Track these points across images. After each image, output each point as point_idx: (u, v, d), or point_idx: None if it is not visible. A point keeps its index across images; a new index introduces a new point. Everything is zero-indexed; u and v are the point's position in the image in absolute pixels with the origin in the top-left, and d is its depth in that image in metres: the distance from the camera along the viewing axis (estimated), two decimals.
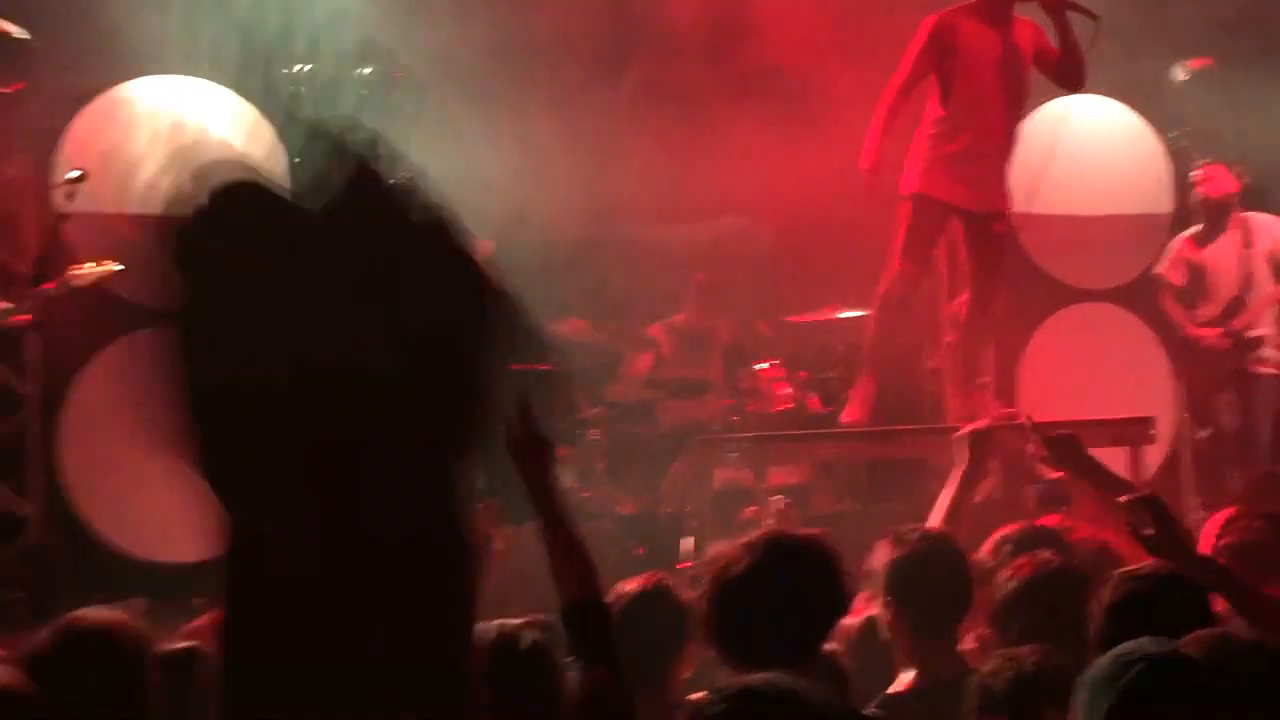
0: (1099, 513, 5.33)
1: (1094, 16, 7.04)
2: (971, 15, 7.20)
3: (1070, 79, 7.32)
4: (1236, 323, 9.02)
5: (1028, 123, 9.63)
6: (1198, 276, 9.16)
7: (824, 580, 3.23)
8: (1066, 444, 4.61)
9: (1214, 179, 9.12)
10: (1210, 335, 9.04)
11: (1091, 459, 4.61)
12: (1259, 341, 9.00)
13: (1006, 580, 3.78)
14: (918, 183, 7.19)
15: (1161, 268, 9.29)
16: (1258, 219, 9.16)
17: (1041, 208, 9.60)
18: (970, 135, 7.12)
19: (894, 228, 7.38)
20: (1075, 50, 7.14)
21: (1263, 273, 9.04)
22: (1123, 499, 3.99)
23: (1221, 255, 9.11)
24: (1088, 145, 9.96)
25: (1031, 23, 7.32)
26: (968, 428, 4.93)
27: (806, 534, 3.32)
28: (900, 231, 7.28)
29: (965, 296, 7.65)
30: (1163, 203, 10.09)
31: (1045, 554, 3.89)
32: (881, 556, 3.99)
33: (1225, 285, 9.08)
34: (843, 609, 3.26)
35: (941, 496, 4.85)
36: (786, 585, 3.17)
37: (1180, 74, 10.10)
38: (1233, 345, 9.01)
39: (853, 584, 3.44)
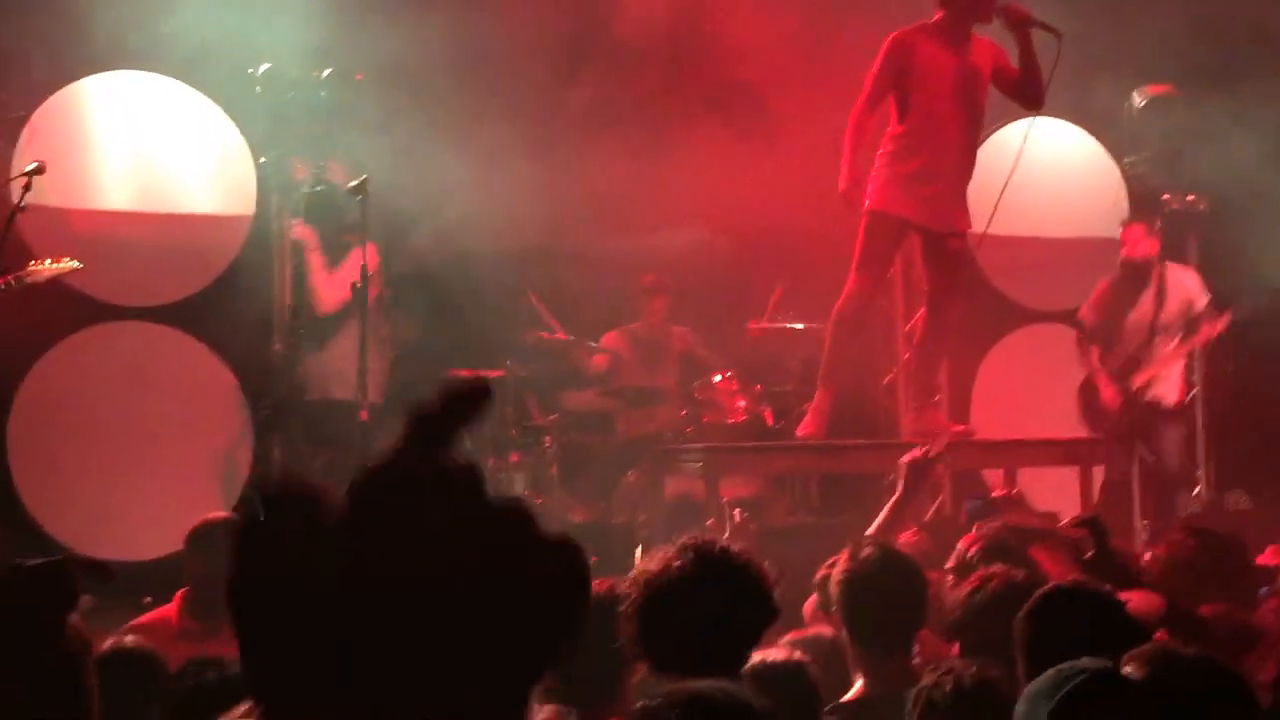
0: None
1: (1058, 34, 7.09)
2: (930, 34, 7.24)
3: (1030, 97, 7.36)
4: (1134, 381, 9.13)
5: (987, 144, 9.76)
6: (1112, 323, 9.25)
7: (749, 590, 3.24)
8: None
9: (1134, 241, 9.20)
10: (1107, 392, 9.15)
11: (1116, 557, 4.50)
12: (1154, 401, 9.12)
13: (961, 593, 3.79)
14: (875, 199, 7.23)
15: (1082, 309, 9.38)
16: (1175, 274, 9.24)
17: (999, 229, 9.64)
18: (927, 153, 7.17)
19: (852, 243, 7.42)
20: (1035, 68, 7.19)
21: (1170, 330, 9.14)
22: (1067, 520, 4.05)
23: (1136, 309, 9.22)
24: (1046, 168, 10.02)
25: (990, 42, 7.37)
26: (906, 457, 5.00)
27: (731, 545, 3.33)
28: (857, 247, 7.32)
29: (921, 314, 7.68)
30: (1118, 227, 10.15)
31: (1000, 568, 3.91)
32: (836, 568, 4.02)
33: (1133, 339, 9.19)
34: (769, 619, 3.27)
35: (878, 519, 4.92)
36: (712, 595, 3.18)
37: (1139, 100, 10.20)
38: (1125, 404, 9.10)
39: (782, 595, 3.45)
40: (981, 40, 7.32)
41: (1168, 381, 9.14)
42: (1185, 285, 9.18)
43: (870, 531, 4.72)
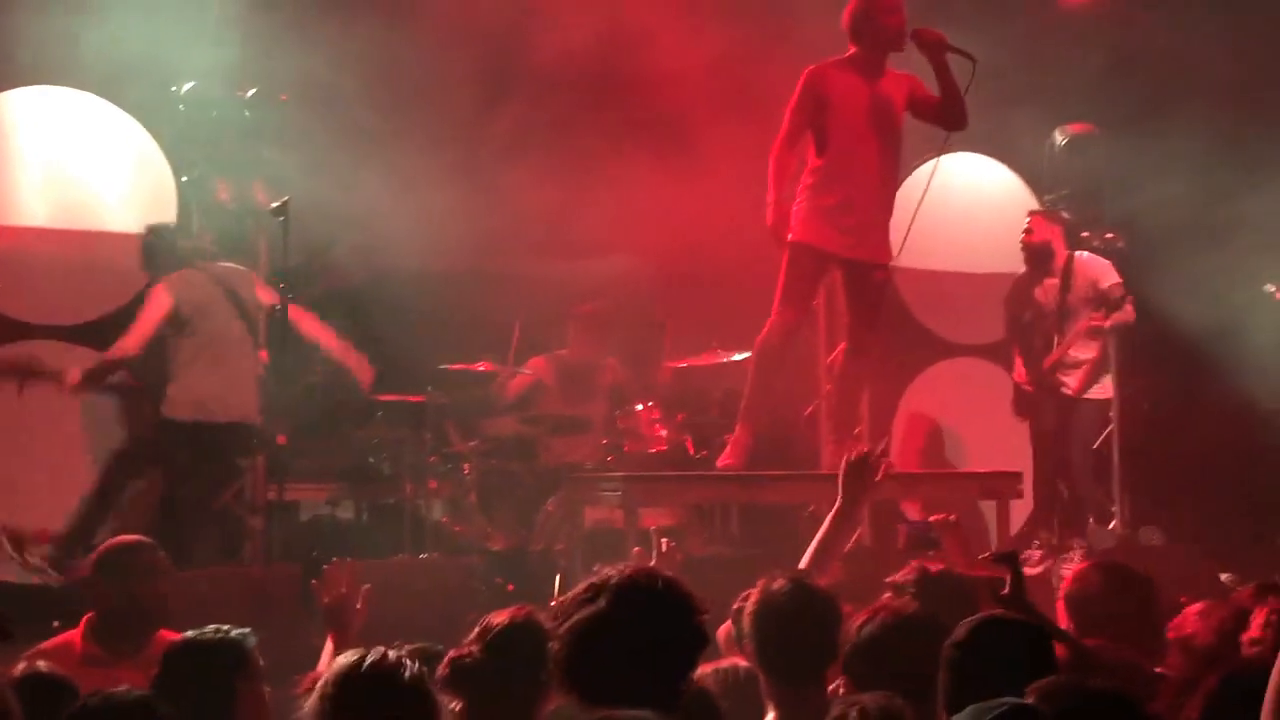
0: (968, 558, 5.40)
1: (972, 59, 7.15)
2: (844, 68, 7.30)
3: (951, 120, 7.37)
4: (1045, 363, 9.23)
5: (910, 178, 9.84)
6: (1025, 312, 9.39)
7: (678, 619, 3.20)
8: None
9: (1034, 227, 9.32)
10: (1019, 376, 9.28)
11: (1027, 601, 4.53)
12: (1060, 385, 9.20)
13: (861, 627, 3.78)
14: (796, 232, 7.25)
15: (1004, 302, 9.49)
16: (1082, 260, 9.32)
17: (921, 263, 9.74)
18: (846, 186, 7.21)
19: (777, 273, 7.43)
20: (955, 90, 7.23)
21: (1076, 312, 9.22)
22: (983, 555, 4.04)
23: (1043, 293, 9.32)
24: (968, 203, 10.13)
25: (906, 74, 7.42)
26: (844, 461, 4.87)
27: (661, 573, 3.28)
28: (780, 280, 7.33)
29: (842, 347, 7.69)
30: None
31: (900, 601, 3.91)
32: (749, 601, 3.99)
33: (1041, 323, 9.29)
34: (699, 647, 3.23)
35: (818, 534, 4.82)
36: (639, 625, 3.13)
37: (1060, 138, 10.32)
38: (1037, 388, 9.23)
39: (711, 625, 3.43)
40: (896, 73, 7.38)
41: (1076, 369, 9.21)
42: (1091, 268, 9.25)
43: (811, 548, 4.66)
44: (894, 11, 7.24)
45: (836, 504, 4.70)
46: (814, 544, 4.69)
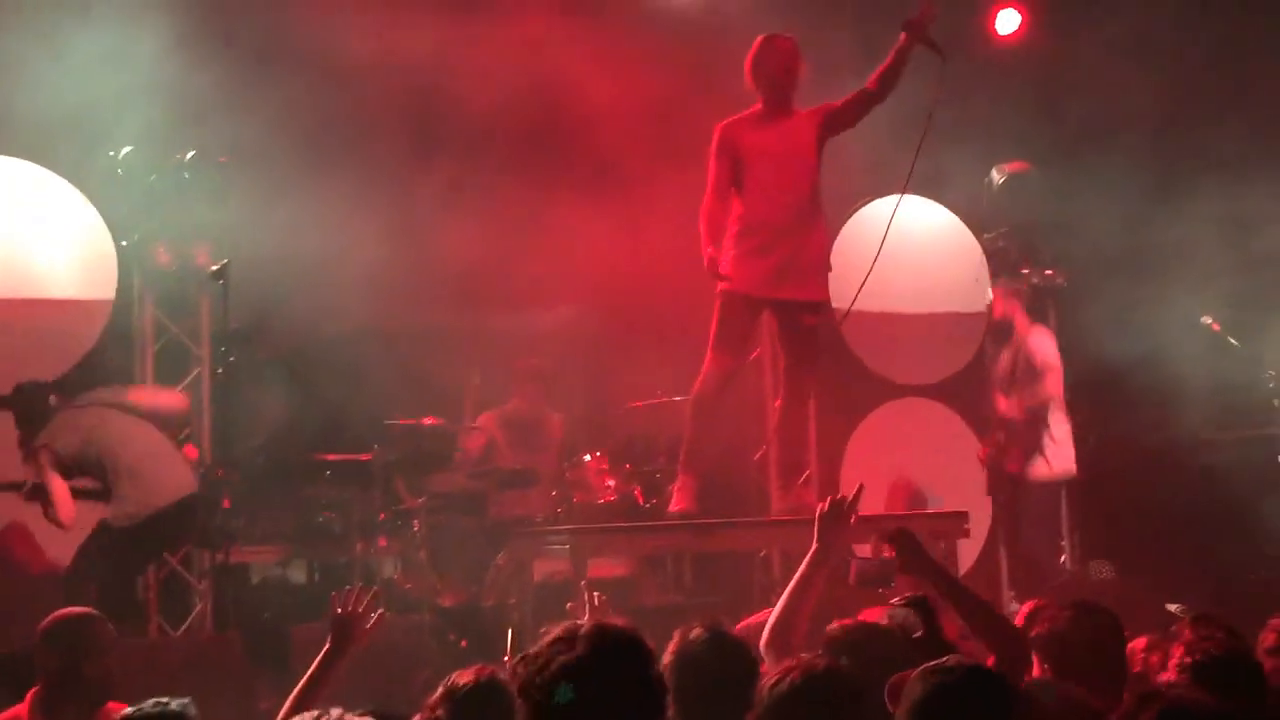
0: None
1: (943, 57, 7.20)
2: (754, 118, 7.37)
3: (880, 94, 7.37)
4: (982, 451, 9.58)
5: (854, 220, 9.92)
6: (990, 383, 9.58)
7: (640, 674, 3.18)
8: (907, 541, 4.60)
9: (995, 303, 9.49)
10: (979, 452, 9.55)
11: (930, 558, 4.63)
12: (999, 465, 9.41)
13: (773, 686, 3.73)
14: (724, 279, 7.28)
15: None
16: (1034, 335, 9.41)
17: (863, 305, 9.77)
18: (767, 229, 7.23)
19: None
20: (902, 68, 7.26)
21: (1019, 389, 9.33)
22: (893, 600, 4.08)
23: (998, 368, 9.50)
24: (909, 244, 10.17)
25: (814, 108, 7.44)
26: (820, 506, 4.87)
27: (625, 628, 3.26)
28: (712, 329, 7.34)
29: (782, 391, 7.67)
30: (979, 301, 10.36)
31: (811, 658, 3.87)
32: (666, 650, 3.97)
33: (994, 398, 9.47)
34: (662, 701, 3.21)
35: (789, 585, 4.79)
36: (603, 682, 3.11)
37: (997, 177, 10.42)
38: (989, 457, 9.46)
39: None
40: (805, 111, 7.43)
41: (1015, 447, 9.30)
42: (1037, 347, 9.35)
43: (786, 594, 4.64)
44: (781, 56, 7.33)
45: (812, 549, 4.70)
46: (789, 589, 4.69)
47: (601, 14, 9.65)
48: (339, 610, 4.49)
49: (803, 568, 4.70)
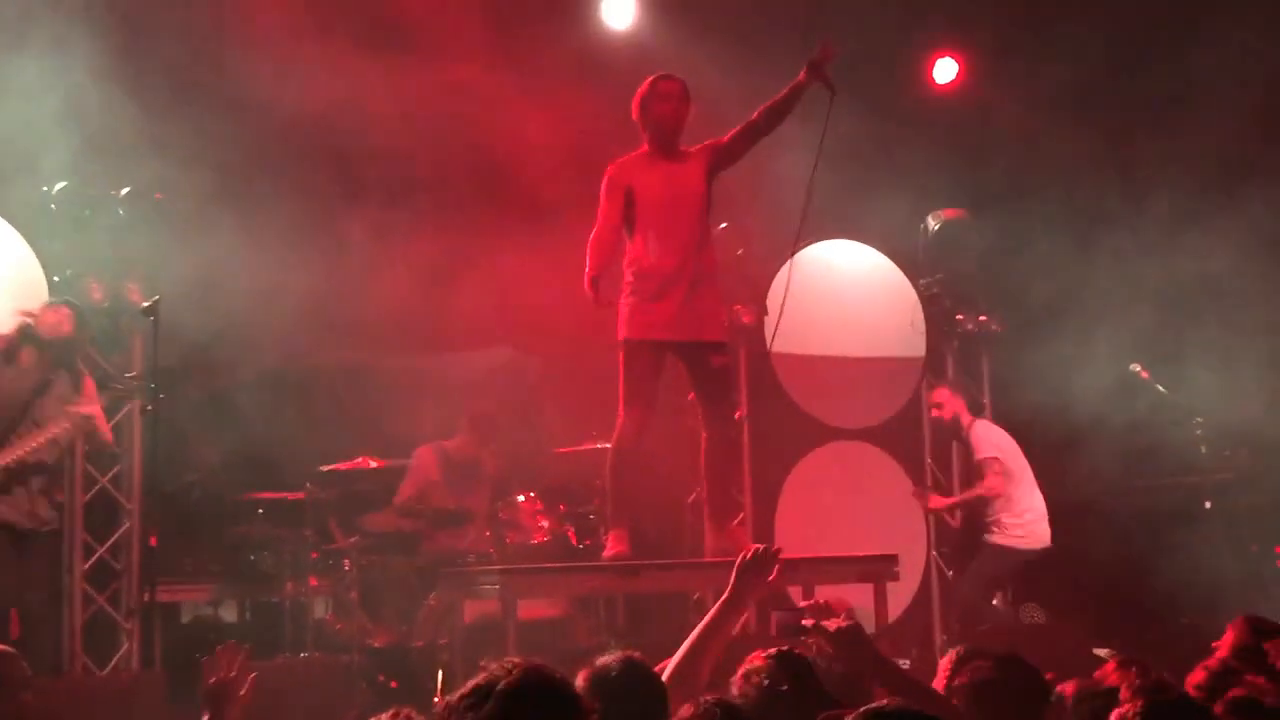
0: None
1: (833, 93, 7.20)
2: (642, 159, 7.33)
3: (769, 125, 7.35)
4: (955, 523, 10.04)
5: (791, 263, 9.98)
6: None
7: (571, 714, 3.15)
8: (850, 636, 4.58)
9: (943, 402, 9.79)
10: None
11: (875, 652, 4.60)
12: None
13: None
14: (623, 330, 7.22)
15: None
16: (973, 429, 9.67)
17: (799, 348, 9.85)
18: (660, 273, 7.18)
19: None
20: (794, 104, 7.25)
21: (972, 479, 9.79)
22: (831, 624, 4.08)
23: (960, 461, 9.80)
24: (845, 289, 10.27)
25: (698, 148, 7.45)
26: (743, 553, 4.84)
27: (547, 677, 3.22)
28: (620, 380, 7.27)
29: (704, 435, 7.61)
30: (916, 346, 10.44)
31: (714, 699, 3.85)
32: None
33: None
34: None
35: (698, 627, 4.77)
36: None
37: (933, 224, 10.52)
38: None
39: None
40: (692, 149, 7.40)
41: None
42: (976, 439, 9.58)
43: (694, 635, 4.59)
44: (667, 99, 7.29)
45: (726, 594, 4.65)
46: (697, 631, 4.65)
47: (532, 55, 9.73)
48: (209, 680, 4.22)
49: (713, 612, 4.65)
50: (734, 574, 4.68)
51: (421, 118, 9.12)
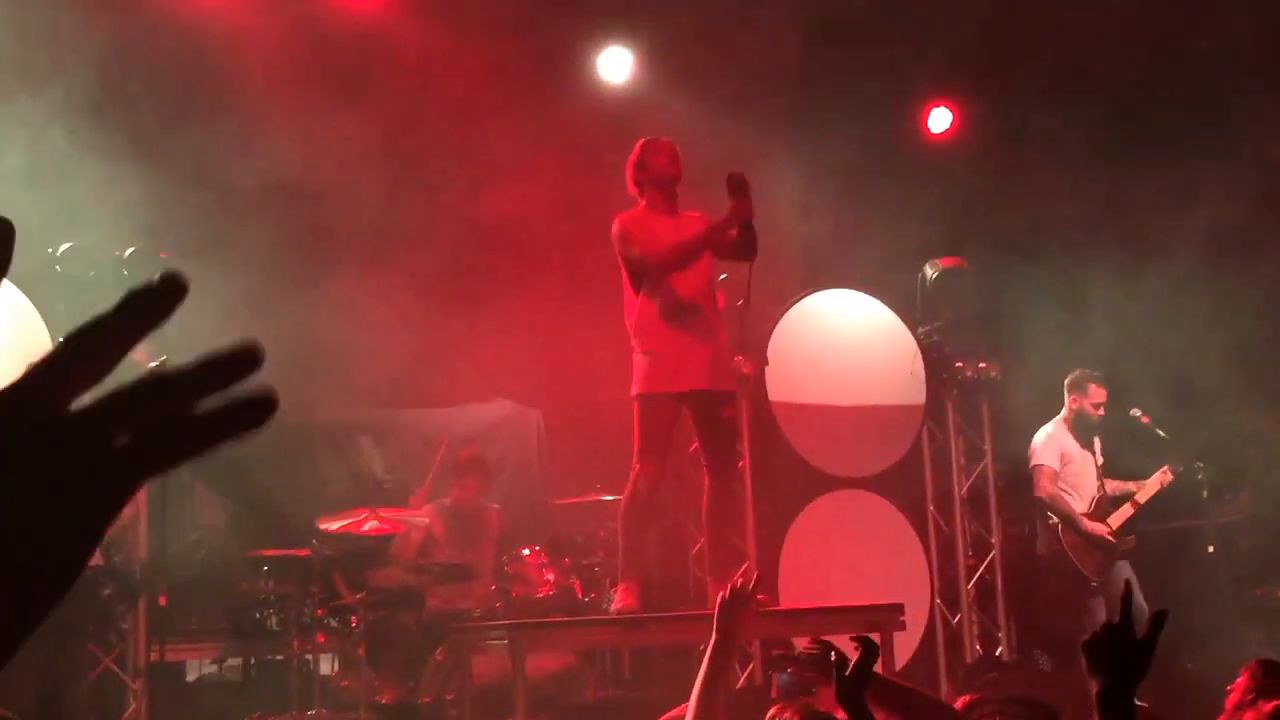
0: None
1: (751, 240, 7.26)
2: (645, 214, 7.39)
3: (746, 257, 7.43)
4: (1112, 522, 9.67)
5: (789, 314, 10.05)
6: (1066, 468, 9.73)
7: None
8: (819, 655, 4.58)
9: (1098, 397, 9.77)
10: (1101, 530, 9.59)
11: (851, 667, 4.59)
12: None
13: None
14: (637, 385, 7.27)
15: (1039, 457, 9.71)
16: None
17: (800, 398, 9.90)
18: (668, 325, 7.25)
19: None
20: (754, 235, 7.33)
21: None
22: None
23: (1083, 456, 9.71)
24: (845, 338, 10.31)
25: (698, 215, 7.53)
26: (720, 594, 4.84)
27: None
28: (635, 435, 7.31)
29: (707, 484, 7.64)
30: (916, 395, 10.48)
31: None
32: None
33: (1089, 485, 9.68)
34: None
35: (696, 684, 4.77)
36: None
37: (931, 272, 10.58)
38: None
39: None
40: (690, 213, 7.50)
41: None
42: None
43: (695, 690, 4.59)
44: (661, 151, 7.39)
45: (711, 641, 4.62)
46: (697, 688, 4.65)
47: (528, 110, 9.83)
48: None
49: (705, 663, 4.64)
50: (715, 618, 4.68)
51: (418, 173, 9.20)
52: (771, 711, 4.41)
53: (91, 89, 8.69)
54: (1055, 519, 9.56)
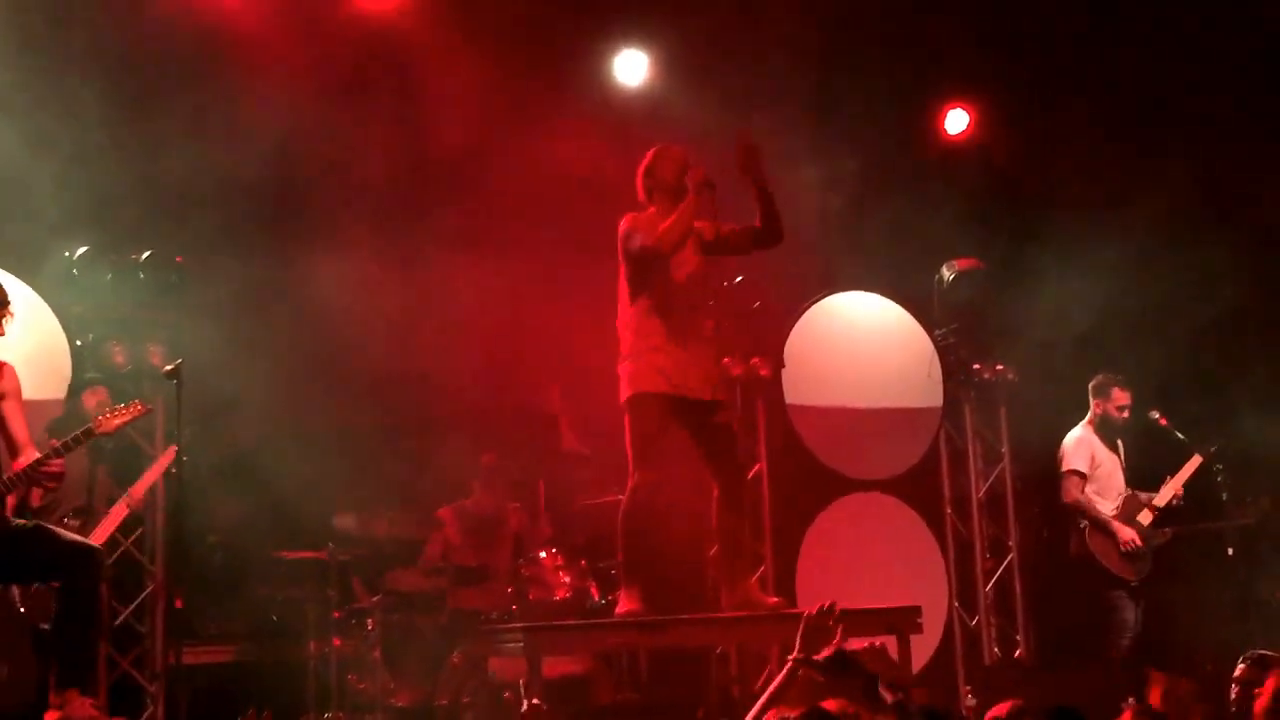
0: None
1: (765, 188, 7.25)
2: (653, 219, 7.29)
3: (772, 238, 7.45)
4: (1143, 519, 9.63)
5: (804, 320, 10.03)
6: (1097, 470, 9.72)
7: None
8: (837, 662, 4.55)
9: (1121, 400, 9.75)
10: (1131, 535, 9.57)
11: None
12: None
13: None
14: (629, 387, 7.23)
15: (1071, 462, 9.69)
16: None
17: (817, 400, 9.89)
18: (664, 329, 7.21)
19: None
20: (775, 209, 7.31)
21: None
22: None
23: (1111, 458, 9.69)
24: (861, 340, 10.29)
25: (706, 224, 7.48)
26: (807, 613, 4.77)
27: None
28: (628, 440, 7.25)
29: (715, 494, 7.59)
30: (933, 397, 10.45)
31: None
32: None
33: (1117, 485, 9.67)
34: None
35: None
36: None
37: (948, 274, 10.54)
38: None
39: None
40: (696, 222, 7.45)
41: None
42: None
43: (763, 699, 4.56)
44: (679, 160, 7.36)
45: (792, 658, 4.54)
46: (767, 693, 4.61)
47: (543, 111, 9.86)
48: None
49: (781, 676, 4.60)
50: (799, 635, 4.58)
51: (443, 170, 9.21)
52: (772, 713, 4.40)
53: (107, 90, 8.72)
54: (1085, 522, 9.53)
